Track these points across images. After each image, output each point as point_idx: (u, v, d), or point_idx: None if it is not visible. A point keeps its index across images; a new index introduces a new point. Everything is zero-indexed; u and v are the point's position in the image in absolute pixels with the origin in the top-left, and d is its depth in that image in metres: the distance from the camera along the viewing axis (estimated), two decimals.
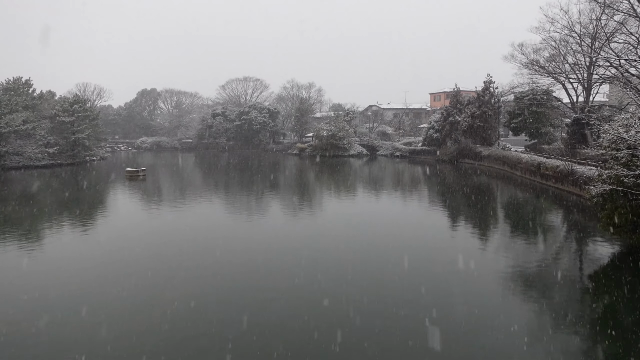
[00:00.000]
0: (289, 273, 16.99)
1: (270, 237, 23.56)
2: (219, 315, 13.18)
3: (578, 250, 21.64)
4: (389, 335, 11.80)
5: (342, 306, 13.66)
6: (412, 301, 14.10)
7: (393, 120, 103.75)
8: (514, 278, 16.82)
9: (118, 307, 13.78)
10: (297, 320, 12.76)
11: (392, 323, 12.51)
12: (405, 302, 13.94)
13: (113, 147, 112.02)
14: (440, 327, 12.11)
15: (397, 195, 40.67)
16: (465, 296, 14.48)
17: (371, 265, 17.94)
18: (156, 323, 12.57)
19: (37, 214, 30.57)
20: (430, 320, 12.55)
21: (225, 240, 22.79)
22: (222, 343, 11.42)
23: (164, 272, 17.24)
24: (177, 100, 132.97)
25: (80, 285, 15.78)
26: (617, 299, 14.48)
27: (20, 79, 73.36)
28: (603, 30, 41.64)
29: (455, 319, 12.81)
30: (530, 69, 56.20)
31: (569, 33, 48.71)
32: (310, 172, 61.53)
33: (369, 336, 11.68)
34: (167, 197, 40.10)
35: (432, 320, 12.51)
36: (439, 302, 14.04)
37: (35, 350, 11.20)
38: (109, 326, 12.35)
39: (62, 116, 69.98)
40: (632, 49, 35.88)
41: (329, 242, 22.09)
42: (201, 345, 11.29)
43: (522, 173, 46.40)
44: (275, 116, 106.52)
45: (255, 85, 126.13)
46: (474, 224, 27.26)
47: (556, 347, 11.39)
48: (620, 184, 17.52)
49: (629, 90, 20.58)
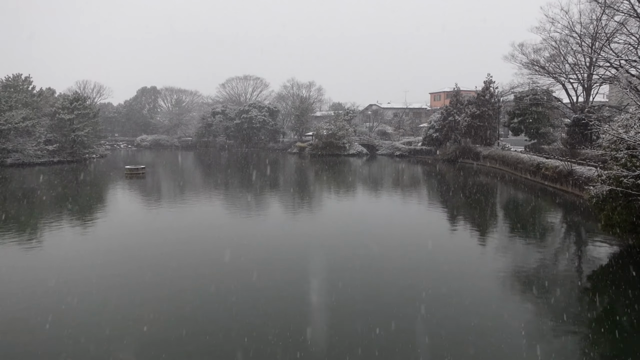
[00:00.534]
0: (280, 270, 17.02)
1: (268, 235, 23.56)
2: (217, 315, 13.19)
3: (577, 250, 21.65)
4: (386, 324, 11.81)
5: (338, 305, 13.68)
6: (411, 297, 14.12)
7: (393, 119, 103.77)
8: (512, 278, 16.83)
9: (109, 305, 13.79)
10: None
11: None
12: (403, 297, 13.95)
13: (113, 144, 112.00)
14: (435, 326, 12.12)
15: (396, 195, 40.66)
16: (461, 294, 14.48)
17: (370, 261, 17.95)
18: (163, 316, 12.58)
19: (37, 212, 30.57)
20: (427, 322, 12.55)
21: (223, 238, 22.80)
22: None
23: (158, 268, 17.26)
24: (177, 99, 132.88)
25: (76, 281, 15.78)
26: (616, 299, 14.49)
27: (20, 76, 73.32)
28: (603, 30, 41.69)
29: (451, 317, 12.82)
30: (531, 69, 56.25)
31: (569, 33, 48.77)
32: (310, 171, 61.53)
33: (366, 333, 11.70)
34: (166, 195, 40.09)
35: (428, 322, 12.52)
36: (437, 298, 14.05)
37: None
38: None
39: (61, 113, 69.90)
40: (632, 50, 35.93)
41: (328, 240, 22.12)
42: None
43: (521, 173, 46.40)
44: (275, 115, 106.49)
45: (255, 84, 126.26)
46: (472, 224, 27.28)
47: (553, 346, 11.40)
48: (620, 184, 17.53)
49: (629, 91, 20.54)
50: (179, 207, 32.70)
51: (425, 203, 36.79)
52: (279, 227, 26.05)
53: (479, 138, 63.96)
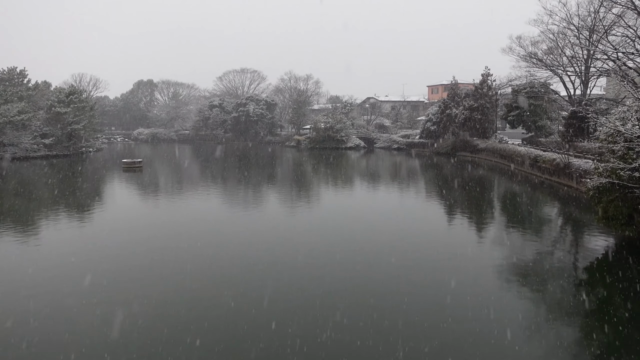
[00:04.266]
0: (281, 262, 17.05)
1: (265, 230, 23.57)
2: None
3: (574, 242, 21.73)
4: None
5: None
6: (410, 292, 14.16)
7: (391, 112, 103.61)
8: (508, 270, 16.88)
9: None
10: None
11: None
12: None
13: (110, 138, 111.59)
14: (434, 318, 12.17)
15: (393, 187, 40.69)
16: (460, 286, 14.53)
17: (367, 256, 17.99)
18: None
19: (33, 206, 30.49)
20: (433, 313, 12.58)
21: (221, 233, 22.81)
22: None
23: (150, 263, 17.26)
24: (174, 92, 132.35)
25: (69, 275, 15.77)
26: (612, 290, 14.55)
27: (15, 69, 72.90)
28: (601, 22, 41.57)
29: (447, 308, 12.87)
30: (528, 61, 56.09)
31: (567, 25, 48.58)
32: (308, 165, 61.46)
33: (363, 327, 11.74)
34: (163, 188, 40.01)
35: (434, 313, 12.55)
36: (436, 291, 14.11)
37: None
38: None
39: (57, 107, 69.55)
40: (629, 42, 35.83)
41: (325, 234, 22.15)
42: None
43: (518, 166, 46.45)
44: (272, 108, 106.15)
45: (252, 77, 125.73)
46: (470, 216, 27.31)
47: (549, 338, 11.45)
48: (617, 177, 17.54)
49: (626, 84, 20.52)
50: (174, 201, 32.62)
51: (422, 195, 36.79)
52: (274, 220, 26.05)
53: (476, 131, 63.96)
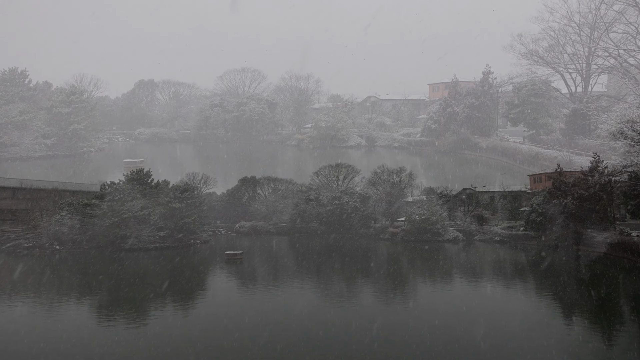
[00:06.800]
0: None
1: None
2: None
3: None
4: None
5: None
6: None
7: (391, 111, 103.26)
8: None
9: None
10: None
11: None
12: None
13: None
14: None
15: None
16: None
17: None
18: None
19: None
20: None
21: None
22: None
23: None
24: (175, 91, 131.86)
25: None
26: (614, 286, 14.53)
27: (16, 70, 72.97)
28: (602, 19, 41.57)
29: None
30: (529, 59, 56.12)
31: (568, 23, 48.59)
32: (309, 165, 61.23)
33: None
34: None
35: None
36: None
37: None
38: None
39: (59, 107, 69.49)
40: (631, 39, 35.82)
41: None
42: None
43: (520, 164, 46.40)
44: (273, 107, 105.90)
45: (253, 77, 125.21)
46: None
47: (548, 332, 11.43)
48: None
49: (627, 81, 20.50)
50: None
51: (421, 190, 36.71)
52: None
53: (477, 129, 63.87)
